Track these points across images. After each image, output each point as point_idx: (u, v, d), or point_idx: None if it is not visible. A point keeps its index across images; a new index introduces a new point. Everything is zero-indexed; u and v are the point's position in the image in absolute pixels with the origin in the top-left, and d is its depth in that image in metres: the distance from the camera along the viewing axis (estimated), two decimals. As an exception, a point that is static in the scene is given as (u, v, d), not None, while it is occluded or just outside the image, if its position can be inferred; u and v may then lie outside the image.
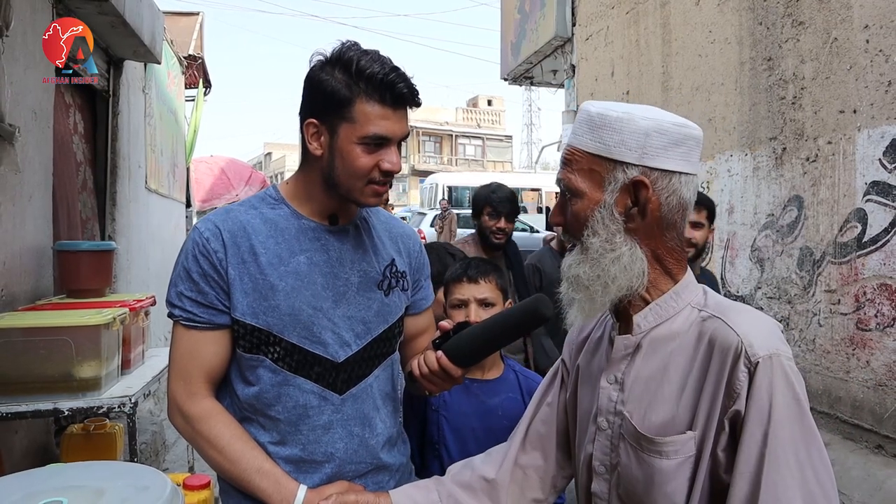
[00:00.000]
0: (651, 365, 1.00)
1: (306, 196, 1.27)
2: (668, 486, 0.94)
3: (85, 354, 2.22)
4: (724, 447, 0.91)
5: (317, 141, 1.21)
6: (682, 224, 1.02)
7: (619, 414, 1.02)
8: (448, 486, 1.20)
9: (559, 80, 8.37)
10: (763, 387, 0.87)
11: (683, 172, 0.98)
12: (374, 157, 1.19)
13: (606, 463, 1.05)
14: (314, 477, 1.22)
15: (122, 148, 4.49)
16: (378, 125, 1.17)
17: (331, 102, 1.18)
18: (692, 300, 1.01)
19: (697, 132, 1.00)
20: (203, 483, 2.49)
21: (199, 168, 10.84)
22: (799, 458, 0.86)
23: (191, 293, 1.20)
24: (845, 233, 3.52)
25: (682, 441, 0.94)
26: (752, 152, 4.28)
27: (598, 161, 0.98)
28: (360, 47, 1.21)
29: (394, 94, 1.17)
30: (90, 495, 1.11)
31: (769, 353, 0.89)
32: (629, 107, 0.99)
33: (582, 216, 1.00)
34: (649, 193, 0.96)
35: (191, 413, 1.20)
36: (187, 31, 7.47)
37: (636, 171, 0.97)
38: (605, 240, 0.98)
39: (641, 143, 0.96)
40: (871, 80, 3.37)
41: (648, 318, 1.01)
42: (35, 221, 2.92)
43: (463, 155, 38.69)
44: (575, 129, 1.03)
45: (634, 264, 0.98)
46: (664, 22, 5.27)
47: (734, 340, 0.91)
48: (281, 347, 1.20)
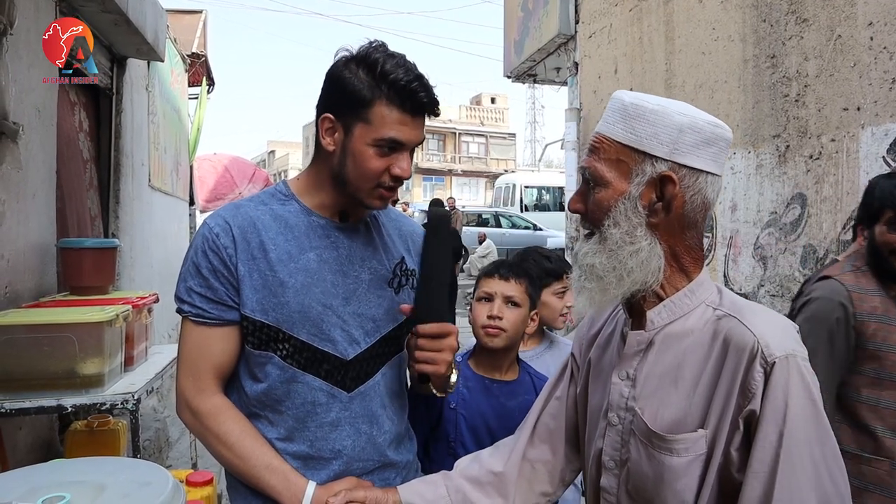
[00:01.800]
0: (664, 362, 0.99)
1: (316, 190, 1.27)
2: (677, 483, 0.94)
3: (88, 351, 2.22)
4: (738, 446, 0.90)
5: (330, 137, 1.21)
6: (702, 224, 1.01)
7: (630, 410, 1.02)
8: (456, 480, 1.20)
9: (562, 77, 8.36)
10: (779, 387, 0.87)
11: (711, 173, 0.97)
12: (385, 161, 1.18)
13: (616, 458, 1.05)
14: (322, 473, 1.22)
15: (125, 146, 4.50)
16: (394, 130, 1.16)
17: (350, 101, 1.17)
18: (707, 298, 1.00)
19: (729, 134, 0.99)
20: (206, 479, 2.50)
21: (202, 166, 10.84)
22: (814, 458, 0.86)
23: (200, 289, 1.20)
24: (848, 231, 3.51)
25: (693, 439, 0.93)
26: (755, 150, 4.27)
27: (627, 151, 0.97)
28: (387, 49, 1.20)
29: (414, 102, 1.17)
30: (92, 490, 1.11)
31: (785, 354, 0.88)
32: (664, 100, 0.98)
33: (605, 206, 0.99)
34: (676, 190, 0.96)
35: (200, 409, 1.20)
36: (191, 29, 7.48)
37: (665, 165, 0.95)
38: (625, 232, 0.97)
39: (674, 139, 0.95)
40: (875, 77, 3.36)
41: (662, 315, 1.01)
42: (39, 219, 2.93)
43: (466, 153, 38.63)
44: (606, 118, 1.01)
45: (652, 260, 0.97)
46: (667, 19, 5.26)
47: (750, 340, 0.90)
48: (290, 344, 1.20)
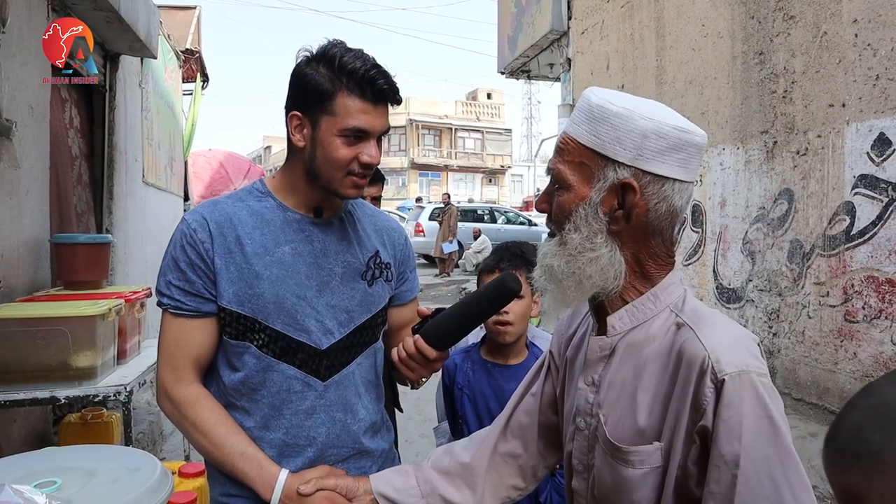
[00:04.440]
0: (625, 369, 0.97)
1: (291, 188, 1.31)
2: (634, 494, 0.93)
3: (81, 344, 2.26)
4: (696, 460, 0.87)
5: (300, 133, 1.26)
6: (669, 231, 0.97)
7: (594, 416, 1.01)
8: (426, 471, 1.21)
9: (555, 73, 8.38)
10: (732, 405, 0.83)
11: (678, 179, 0.93)
12: (353, 150, 1.23)
13: (584, 462, 1.04)
14: (297, 461, 1.25)
15: (118, 142, 4.52)
16: (358, 119, 1.21)
17: (314, 96, 1.22)
18: (671, 303, 0.97)
19: (700, 139, 0.94)
20: (198, 471, 2.54)
21: (197, 162, 10.84)
22: (774, 478, 0.82)
23: (178, 282, 1.24)
24: (834, 225, 3.56)
25: (648, 452, 0.91)
26: (743, 146, 4.31)
27: (590, 155, 0.94)
28: (345, 45, 1.25)
29: (374, 89, 1.21)
30: (83, 476, 1.15)
31: (738, 370, 0.84)
32: (633, 102, 0.94)
33: (566, 209, 0.96)
34: (637, 198, 0.92)
35: (178, 398, 1.24)
36: (184, 26, 7.48)
37: (628, 172, 0.92)
38: (585, 237, 0.95)
39: (637, 144, 0.91)
40: (859, 74, 3.40)
41: (624, 320, 0.98)
42: (32, 215, 2.96)
43: (462, 148, 38.64)
44: (573, 117, 0.98)
45: (612, 266, 0.95)
46: (658, 16, 5.29)
47: (701, 354, 0.87)
48: (266, 334, 1.24)
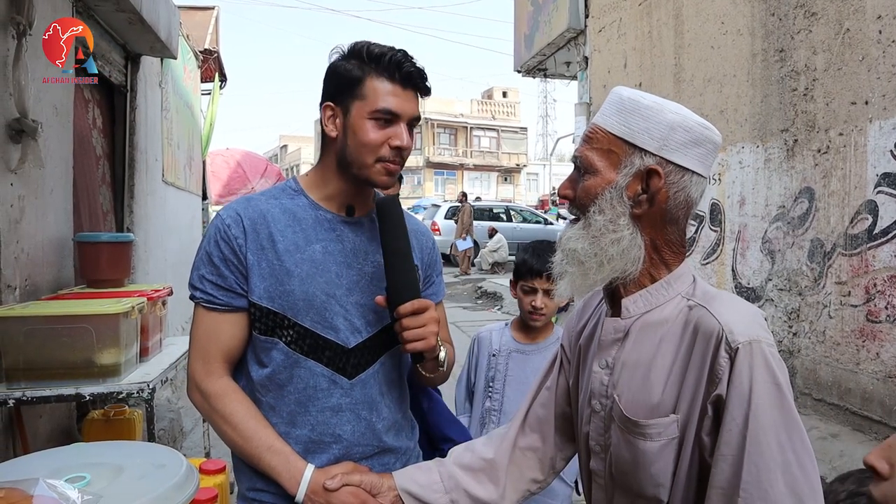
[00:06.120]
0: (640, 350, 1.03)
1: (323, 182, 1.34)
2: (652, 466, 0.98)
3: (105, 342, 2.30)
4: (709, 431, 0.94)
5: (332, 123, 1.29)
6: (684, 221, 1.05)
7: (609, 397, 1.07)
8: (449, 466, 1.24)
9: (572, 72, 8.35)
10: (743, 371, 0.90)
11: (696, 173, 1.01)
12: (384, 133, 1.25)
13: (601, 443, 1.09)
14: (322, 457, 1.27)
15: (139, 142, 4.58)
16: (387, 100, 1.24)
17: (345, 84, 1.27)
18: (682, 290, 1.04)
19: (718, 138, 1.03)
20: (219, 468, 2.57)
21: (215, 161, 10.96)
22: (780, 441, 0.89)
23: (211, 276, 1.26)
24: (856, 224, 3.52)
25: (664, 424, 0.97)
26: (763, 144, 4.27)
27: (618, 143, 1.02)
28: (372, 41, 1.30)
29: (402, 72, 1.25)
30: (111, 472, 1.18)
31: (749, 340, 0.92)
32: (660, 99, 1.03)
33: (592, 193, 1.03)
34: (661, 184, 1.00)
35: (208, 390, 1.26)
36: (203, 26, 7.55)
37: (653, 160, 1.00)
38: (609, 219, 1.02)
39: (665, 135, 0.99)
40: (883, 71, 3.35)
41: (638, 304, 1.05)
42: (56, 214, 3.01)
43: (478, 147, 38.62)
44: (603, 110, 1.06)
45: (632, 249, 1.01)
46: (676, 13, 5.25)
47: (716, 327, 0.94)
48: (294, 331, 1.26)
